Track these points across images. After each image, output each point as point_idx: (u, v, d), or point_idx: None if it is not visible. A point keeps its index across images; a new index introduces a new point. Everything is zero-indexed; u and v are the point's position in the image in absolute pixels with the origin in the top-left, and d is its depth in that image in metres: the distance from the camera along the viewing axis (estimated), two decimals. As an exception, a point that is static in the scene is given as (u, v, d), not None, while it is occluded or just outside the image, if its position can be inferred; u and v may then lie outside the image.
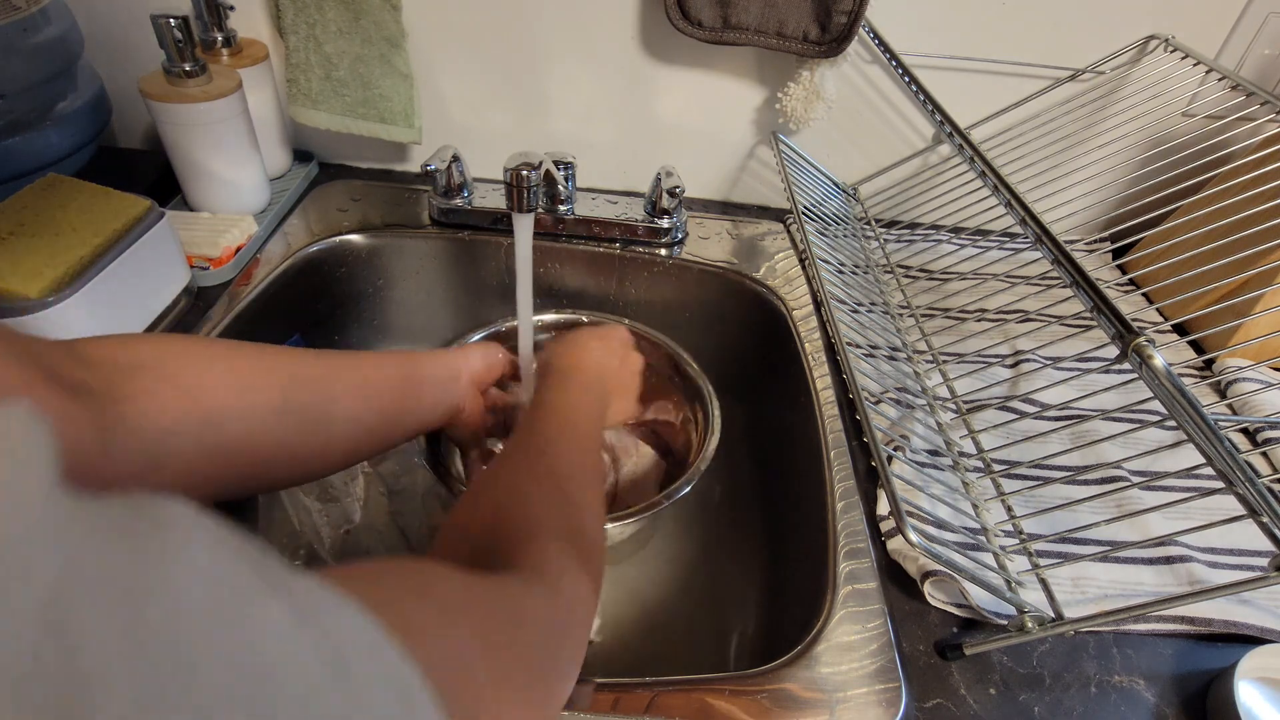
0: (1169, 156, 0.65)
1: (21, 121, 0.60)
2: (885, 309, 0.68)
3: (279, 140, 0.74)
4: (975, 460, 0.55)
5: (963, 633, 0.45)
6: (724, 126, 0.78)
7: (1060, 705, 0.42)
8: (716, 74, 0.74)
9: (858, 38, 0.65)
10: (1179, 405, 0.33)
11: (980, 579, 0.41)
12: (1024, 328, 0.69)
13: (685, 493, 0.53)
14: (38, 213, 0.51)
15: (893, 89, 0.77)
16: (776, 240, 0.78)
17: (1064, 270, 0.40)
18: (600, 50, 0.72)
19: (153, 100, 0.59)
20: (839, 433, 0.57)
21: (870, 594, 0.46)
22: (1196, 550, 0.50)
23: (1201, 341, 0.69)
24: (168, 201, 0.68)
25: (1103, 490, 0.53)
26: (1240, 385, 0.62)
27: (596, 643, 0.59)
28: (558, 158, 0.70)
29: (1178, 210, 0.69)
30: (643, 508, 0.51)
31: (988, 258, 0.78)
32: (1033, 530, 0.50)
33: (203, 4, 0.64)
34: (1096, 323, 0.38)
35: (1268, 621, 0.46)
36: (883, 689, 0.41)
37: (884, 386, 0.58)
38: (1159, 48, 0.71)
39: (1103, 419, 0.59)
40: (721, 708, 0.39)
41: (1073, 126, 0.75)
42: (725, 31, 0.66)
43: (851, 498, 0.52)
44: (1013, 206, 0.46)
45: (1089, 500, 0.50)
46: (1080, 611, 0.42)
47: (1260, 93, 0.61)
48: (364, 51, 0.68)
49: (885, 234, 0.79)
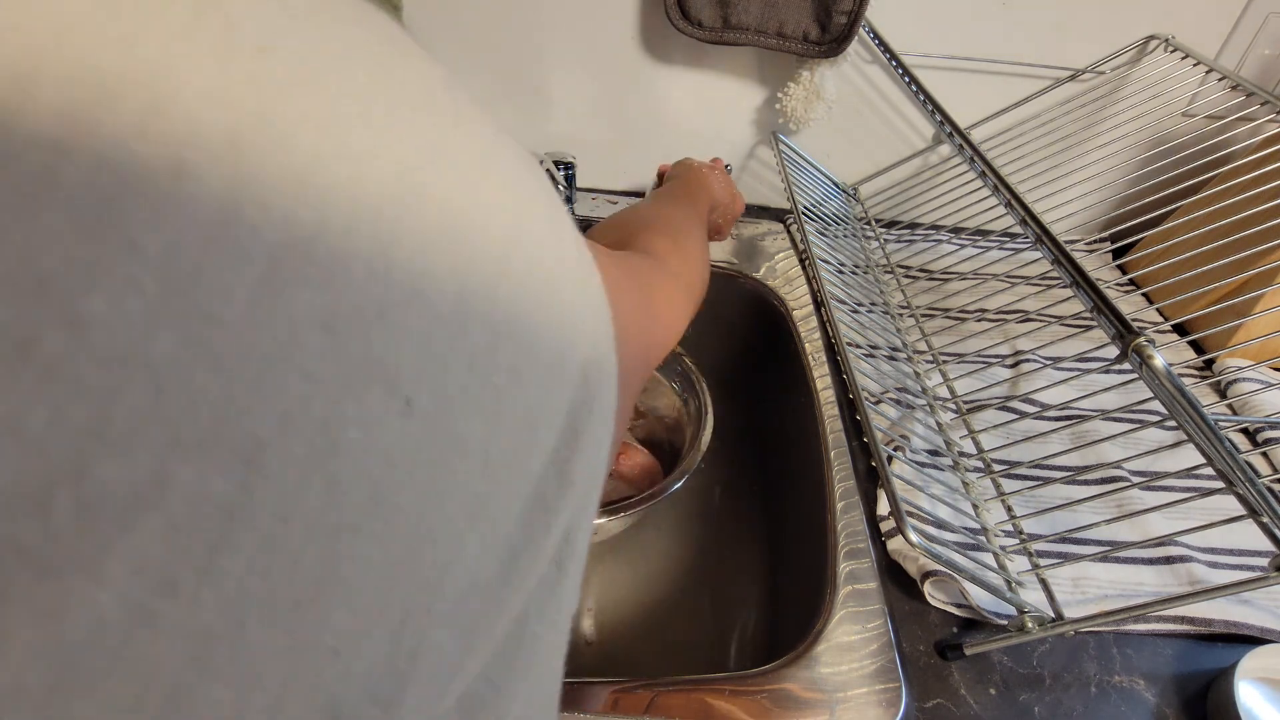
0: (1169, 156, 0.65)
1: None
2: (885, 309, 0.68)
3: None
4: (975, 460, 0.55)
5: (963, 633, 0.45)
6: (724, 126, 0.78)
7: (1060, 705, 0.42)
8: (716, 74, 0.74)
9: (858, 38, 0.65)
10: (1179, 405, 0.33)
11: (980, 579, 0.41)
12: (1024, 328, 0.69)
13: (678, 487, 0.53)
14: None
15: (893, 89, 0.77)
16: (776, 240, 0.78)
17: (1064, 270, 0.40)
18: (600, 50, 0.72)
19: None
20: (839, 433, 0.57)
21: (870, 594, 0.46)
22: (1196, 550, 0.50)
23: (1201, 341, 0.69)
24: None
25: (1103, 490, 0.53)
26: (1240, 385, 0.62)
27: (595, 643, 0.59)
28: (558, 158, 0.70)
29: (1178, 210, 0.69)
30: (640, 499, 0.52)
31: (988, 258, 0.78)
32: (1033, 530, 0.50)
33: (203, 4, 0.64)
34: (1096, 323, 0.38)
35: (1268, 621, 0.46)
36: (883, 689, 0.41)
37: (884, 386, 0.58)
38: (1159, 48, 0.71)
39: (1103, 419, 0.59)
40: (721, 708, 0.39)
41: (1073, 126, 0.75)
42: (725, 31, 0.66)
43: (851, 498, 0.52)
44: (1013, 206, 0.46)
45: (1089, 500, 0.49)
46: (1080, 611, 0.42)
47: (1260, 93, 0.61)
48: (364, 51, 0.68)
49: (885, 234, 0.79)
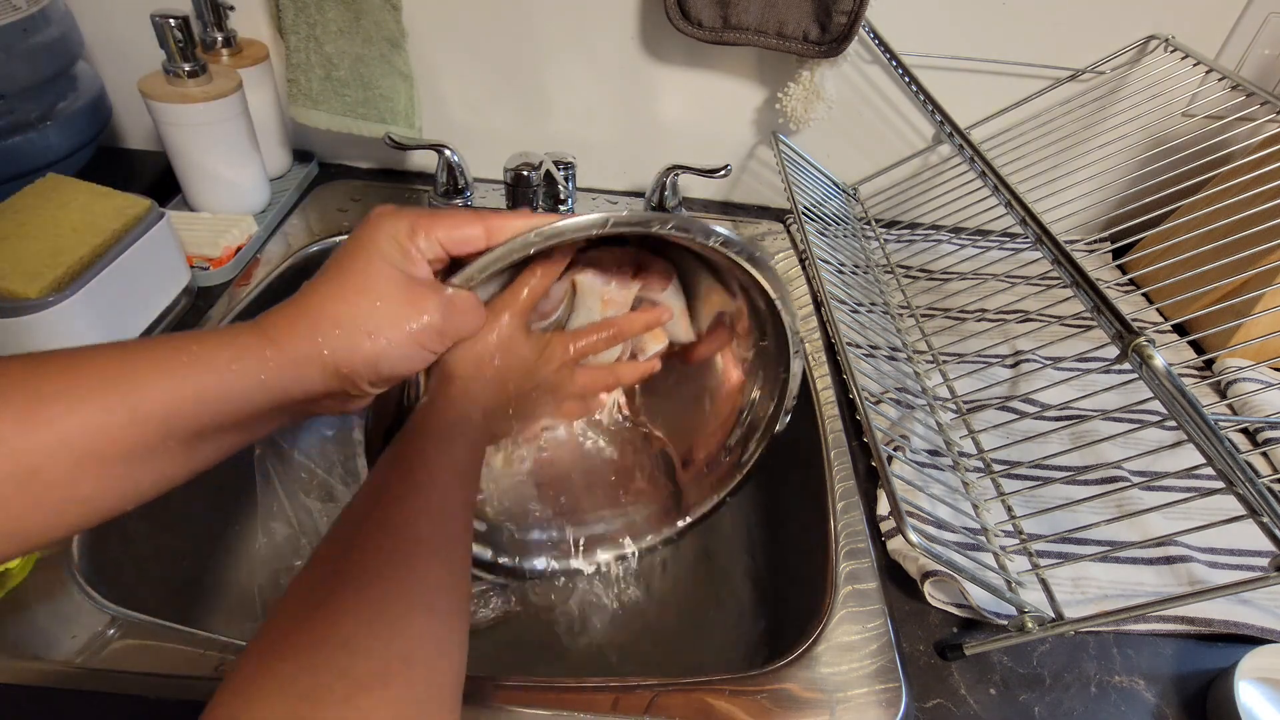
0: (1169, 156, 0.65)
1: (21, 122, 0.60)
2: (885, 309, 0.68)
3: (279, 140, 0.74)
4: (975, 460, 0.55)
5: (963, 633, 0.45)
6: (724, 127, 0.78)
7: (1060, 705, 0.42)
8: (716, 74, 0.74)
9: (858, 38, 0.65)
10: (1179, 405, 0.33)
11: (980, 579, 0.41)
12: (1024, 328, 0.69)
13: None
14: (38, 213, 0.51)
15: (893, 89, 0.77)
16: (776, 240, 0.78)
17: (1064, 270, 0.40)
18: (600, 50, 0.72)
19: (153, 100, 0.59)
20: (839, 433, 0.57)
21: (870, 594, 0.46)
22: (1196, 550, 0.50)
23: (1201, 341, 0.69)
24: (168, 201, 0.68)
25: (1103, 490, 0.53)
26: (1240, 385, 0.62)
27: (595, 643, 0.59)
28: (558, 158, 0.69)
29: (1178, 210, 0.69)
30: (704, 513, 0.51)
31: (988, 258, 0.78)
32: (1033, 530, 0.50)
33: (203, 4, 0.64)
34: (1096, 323, 0.38)
35: (1268, 621, 0.46)
36: (883, 689, 0.41)
37: (884, 386, 0.58)
38: (1159, 48, 0.71)
39: (1103, 419, 0.59)
40: (721, 708, 0.39)
41: (1073, 126, 0.75)
42: (725, 31, 0.66)
43: (851, 498, 0.52)
44: (1013, 206, 0.46)
45: (1089, 500, 0.50)
46: (1080, 611, 0.42)
47: (1260, 93, 0.61)
48: (364, 51, 0.68)
49: (885, 234, 0.79)
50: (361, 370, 0.31)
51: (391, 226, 0.32)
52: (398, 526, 0.30)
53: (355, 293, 0.31)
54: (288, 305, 0.31)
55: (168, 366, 0.27)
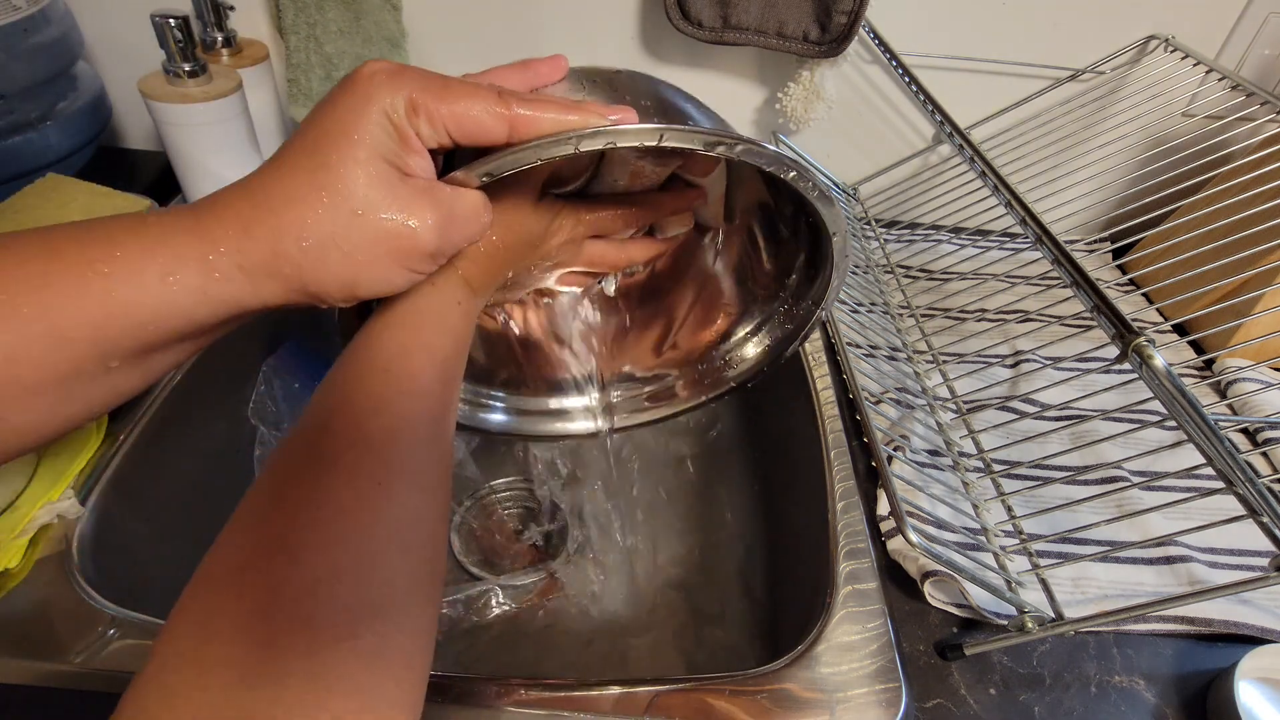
0: (1169, 156, 0.65)
1: (21, 121, 0.60)
2: (885, 309, 0.68)
3: (279, 140, 0.74)
4: (975, 460, 0.55)
5: (963, 633, 0.45)
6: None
7: (1060, 705, 0.42)
8: (716, 74, 0.74)
9: (858, 38, 0.65)
10: (1179, 405, 0.33)
11: (980, 579, 0.41)
12: (1024, 328, 0.69)
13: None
14: (38, 213, 0.51)
15: (893, 89, 0.77)
16: (776, 240, 0.78)
17: (1064, 270, 0.40)
18: (600, 50, 0.72)
19: (152, 100, 0.59)
20: (839, 433, 0.57)
21: (870, 594, 0.46)
22: (1196, 550, 0.50)
23: (1201, 341, 0.69)
24: (168, 201, 0.68)
25: (1103, 490, 0.53)
26: (1240, 385, 0.62)
27: (595, 643, 0.59)
28: (558, 157, 0.69)
29: (1178, 210, 0.69)
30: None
31: (988, 258, 0.78)
32: (1033, 530, 0.50)
33: (203, 4, 0.64)
34: (1096, 323, 0.38)
35: (1268, 621, 0.46)
36: (883, 689, 0.41)
37: (884, 386, 0.58)
38: (1159, 48, 0.71)
39: (1103, 419, 0.59)
40: (721, 708, 0.39)
41: (1073, 127, 0.75)
42: (725, 31, 0.66)
43: (851, 498, 0.52)
44: (1013, 206, 0.46)
45: (1089, 500, 0.50)
46: (1080, 611, 0.42)
47: (1260, 93, 0.61)
48: (364, 52, 0.68)
49: (885, 234, 0.79)
50: (333, 291, 0.26)
51: (388, 100, 0.25)
52: (373, 446, 0.25)
53: (330, 195, 0.25)
54: (241, 194, 0.25)
55: (85, 285, 0.22)
